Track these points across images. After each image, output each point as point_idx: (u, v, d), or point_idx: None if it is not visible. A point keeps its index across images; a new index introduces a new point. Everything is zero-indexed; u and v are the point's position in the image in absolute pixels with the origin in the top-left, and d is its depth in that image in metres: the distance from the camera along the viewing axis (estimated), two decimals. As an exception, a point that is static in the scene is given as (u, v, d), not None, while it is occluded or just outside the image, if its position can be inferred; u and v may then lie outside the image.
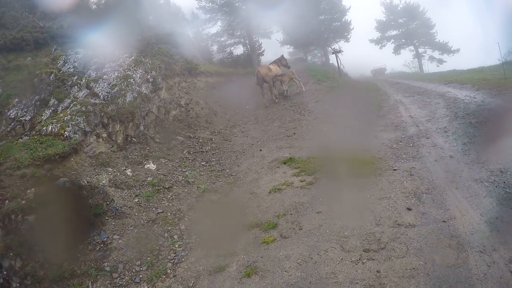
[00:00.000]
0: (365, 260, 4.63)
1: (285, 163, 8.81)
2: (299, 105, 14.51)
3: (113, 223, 6.50)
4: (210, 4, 25.83)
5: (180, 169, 8.91)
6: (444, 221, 5.09)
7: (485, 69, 20.50)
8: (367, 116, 11.75)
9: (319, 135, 10.80)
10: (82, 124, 8.56)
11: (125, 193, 7.28)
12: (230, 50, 27.51)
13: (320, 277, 4.53)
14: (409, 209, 5.58)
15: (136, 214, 6.82)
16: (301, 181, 7.47)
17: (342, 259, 4.75)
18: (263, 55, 27.11)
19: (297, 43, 33.21)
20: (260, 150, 10.38)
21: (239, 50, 27.85)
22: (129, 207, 6.93)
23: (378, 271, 4.37)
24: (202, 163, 9.72)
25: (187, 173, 8.76)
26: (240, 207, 7.02)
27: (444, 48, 35.45)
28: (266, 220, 6.27)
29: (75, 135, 8.25)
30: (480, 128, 8.45)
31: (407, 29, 36.67)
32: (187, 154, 10.09)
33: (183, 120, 12.28)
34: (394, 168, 7.15)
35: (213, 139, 11.75)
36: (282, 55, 18.19)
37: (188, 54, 17.57)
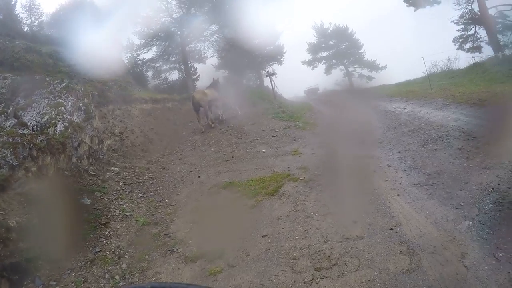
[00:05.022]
0: (318, 279, 4.71)
1: (225, 188, 9.02)
2: (235, 128, 14.86)
3: (48, 268, 6.11)
4: (146, 29, 25.61)
5: (116, 203, 8.69)
6: (391, 229, 5.40)
7: (412, 82, 22.43)
8: (303, 135, 12.44)
9: (257, 157, 11.16)
10: (9, 158, 8.02)
11: (60, 232, 6.87)
12: (165, 75, 27.42)
13: (275, 303, 4.58)
14: (354, 221, 5.81)
15: (73, 255, 6.52)
16: (243, 205, 7.67)
17: (294, 281, 4.81)
18: (198, 80, 27.23)
19: (232, 68, 33.99)
20: (199, 176, 10.45)
21: (174, 75, 27.81)
22: (65, 248, 6.55)
23: (334, 288, 4.44)
24: (140, 194, 9.57)
25: (124, 206, 8.57)
26: (182, 239, 7.01)
27: (373, 66, 38.29)
28: (210, 249, 6.31)
29: (1, 169, 7.71)
30: (413, 136, 9.37)
31: (337, 50, 39.07)
32: (123, 185, 9.86)
33: (118, 150, 12.00)
34: (334, 183, 7.61)
35: (150, 168, 11.63)
36: (217, 79, 18.54)
37: (123, 81, 17.26)
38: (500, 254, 4.38)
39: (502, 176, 6.24)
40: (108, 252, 6.78)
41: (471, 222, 5.20)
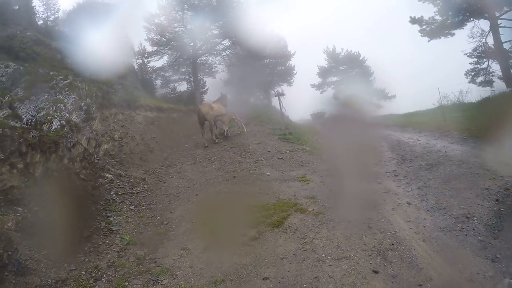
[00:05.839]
0: None
1: (224, 211, 8.21)
2: (240, 146, 14.09)
3: (14, 281, 5.28)
4: (159, 36, 25.39)
5: (104, 214, 7.91)
6: (420, 285, 4.68)
7: (421, 113, 21.87)
8: (312, 161, 11.72)
9: (261, 179, 10.35)
10: (-6, 150, 7.33)
11: (34, 241, 6.07)
12: (174, 85, 27.01)
13: None
14: (375, 271, 5.04)
15: (44, 271, 5.65)
16: (242, 235, 6.82)
17: None
18: (206, 93, 26.93)
19: (241, 84, 33.80)
20: (197, 194, 9.71)
21: (183, 86, 27.47)
22: (35, 261, 5.72)
23: None
24: (131, 207, 8.80)
25: (111, 218, 7.80)
26: (170, 268, 6.17)
27: (381, 94, 37.82)
28: (200, 287, 5.50)
29: (-18, 162, 7.01)
30: (432, 171, 8.64)
31: (347, 75, 39.07)
32: (114, 195, 9.10)
33: (115, 156, 11.31)
34: (348, 219, 6.78)
35: (146, 179, 10.91)
36: (226, 94, 18.09)
37: (130, 85, 16.77)
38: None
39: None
40: (83, 272, 5.95)
41: (512, 280, 4.47)
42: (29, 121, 8.89)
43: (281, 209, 7.82)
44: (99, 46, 14.84)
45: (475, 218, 6.20)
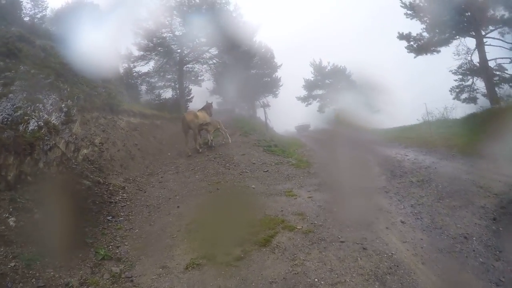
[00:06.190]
0: None
1: (206, 227, 7.77)
2: (224, 157, 13.72)
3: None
4: (146, 41, 25.07)
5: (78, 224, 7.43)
6: None
7: (406, 128, 22.14)
8: (298, 174, 11.44)
9: (245, 192, 10.00)
10: (-39, 150, 6.81)
11: (0, 251, 5.62)
12: (159, 92, 26.70)
13: None
14: None
15: (9, 286, 5.15)
16: (226, 255, 6.38)
17: None
18: (191, 101, 26.74)
19: (227, 94, 33.75)
20: (178, 206, 9.27)
21: (168, 93, 27.17)
22: (1, 274, 5.20)
23: None
24: (108, 218, 8.30)
25: (86, 229, 7.32)
26: (145, 288, 5.68)
27: (367, 108, 38.49)
28: None
29: None
30: (424, 188, 8.46)
31: (333, 89, 39.33)
32: (91, 204, 8.57)
33: (95, 162, 10.77)
34: (340, 239, 6.48)
35: (125, 188, 10.43)
36: (211, 103, 17.77)
37: (114, 89, 16.28)
38: None
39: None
40: (52, 290, 5.44)
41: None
42: (5, 120, 8.34)
43: (268, 226, 7.45)
44: (85, 47, 14.43)
45: (474, 238, 6.07)
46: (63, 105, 10.58)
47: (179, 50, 26.38)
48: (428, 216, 7.18)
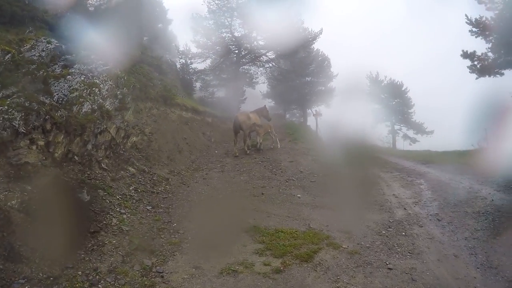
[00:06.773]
0: None
1: (246, 231, 7.31)
2: (271, 161, 13.24)
3: (1, 267, 4.60)
4: (205, 39, 25.38)
5: (118, 209, 7.16)
6: None
7: (462, 153, 20.54)
8: (347, 189, 10.57)
9: (290, 201, 9.45)
10: (17, 121, 6.82)
11: (35, 226, 5.38)
12: (213, 90, 26.78)
13: None
14: None
15: (37, 262, 4.92)
16: (265, 265, 5.94)
17: None
18: (244, 102, 26.63)
19: (279, 99, 33.37)
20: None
21: (221, 92, 27.16)
22: (31, 248, 5.01)
23: None
24: (148, 207, 8.06)
25: (124, 216, 7.04)
26: (176, 288, 5.26)
27: (419, 128, 36.40)
28: None
29: (3, 132, 6.51)
30: (480, 221, 7.50)
31: (387, 105, 37.61)
32: (133, 191, 8.40)
33: (142, 150, 10.72)
34: (388, 265, 5.88)
35: (169, 180, 10.22)
36: (265, 106, 17.50)
37: (170, 83, 16.41)
38: None
39: None
40: (80, 273, 5.15)
41: None
42: (60, 99, 8.43)
43: (311, 240, 6.89)
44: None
45: (532, 283, 5.11)
46: (118, 92, 10.65)
47: (236, 51, 26.50)
48: (483, 252, 6.28)
